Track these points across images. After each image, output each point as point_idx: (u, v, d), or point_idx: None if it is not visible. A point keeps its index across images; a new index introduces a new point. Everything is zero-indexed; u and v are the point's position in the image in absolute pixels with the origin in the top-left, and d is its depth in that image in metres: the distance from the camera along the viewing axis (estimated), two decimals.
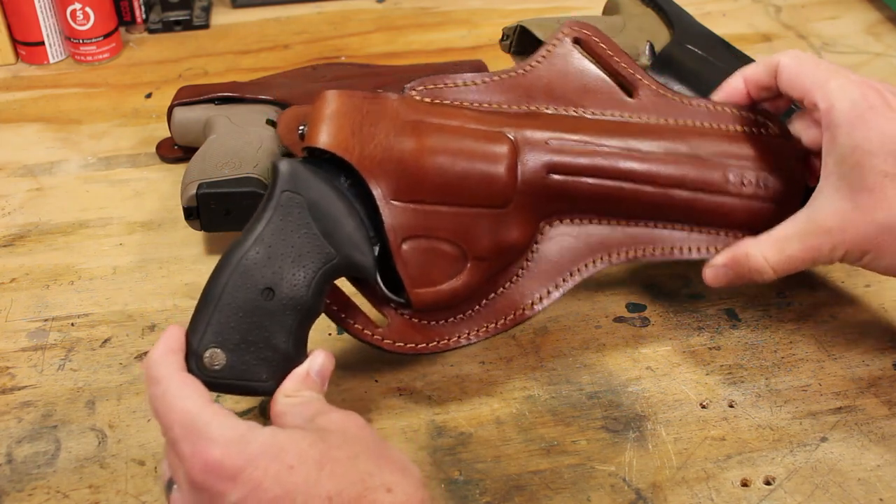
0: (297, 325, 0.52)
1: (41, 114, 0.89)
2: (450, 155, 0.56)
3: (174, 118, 0.79)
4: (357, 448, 0.46)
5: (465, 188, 0.56)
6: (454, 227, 0.56)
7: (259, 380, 0.52)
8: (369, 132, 0.55)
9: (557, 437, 0.59)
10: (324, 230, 0.53)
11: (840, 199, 0.55)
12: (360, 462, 0.46)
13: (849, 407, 0.60)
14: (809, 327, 0.66)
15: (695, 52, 0.77)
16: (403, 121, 0.56)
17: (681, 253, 0.61)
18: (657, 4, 0.80)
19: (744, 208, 0.61)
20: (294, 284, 0.52)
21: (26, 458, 0.58)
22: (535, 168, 0.58)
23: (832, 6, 1.04)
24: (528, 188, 0.57)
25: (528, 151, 0.58)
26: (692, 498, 0.55)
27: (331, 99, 0.56)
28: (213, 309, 0.52)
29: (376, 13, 1.04)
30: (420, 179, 0.55)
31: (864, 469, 0.57)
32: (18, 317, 0.67)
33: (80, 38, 0.93)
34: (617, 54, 0.63)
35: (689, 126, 0.61)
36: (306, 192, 0.54)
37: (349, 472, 0.45)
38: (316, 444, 0.46)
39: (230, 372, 0.51)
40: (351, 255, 0.54)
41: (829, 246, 0.56)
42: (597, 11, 0.86)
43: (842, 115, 0.55)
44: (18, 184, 0.80)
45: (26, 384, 0.62)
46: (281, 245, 0.53)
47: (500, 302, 0.59)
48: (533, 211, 0.59)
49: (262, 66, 0.94)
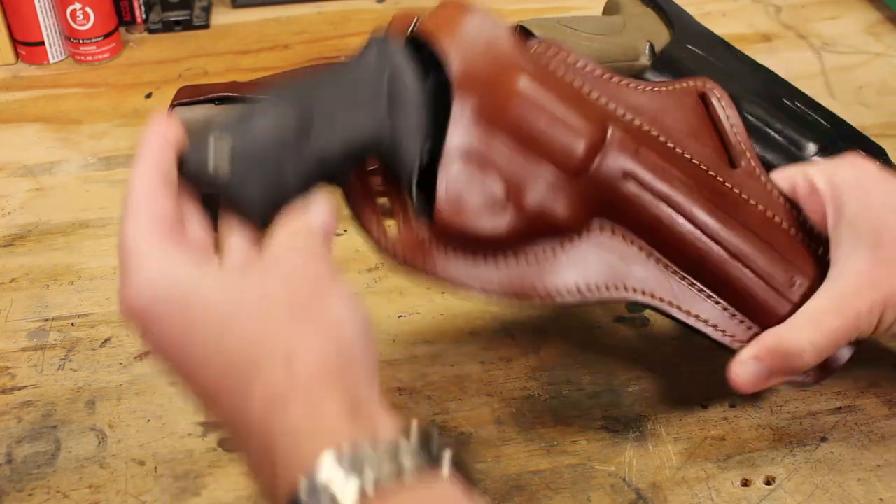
0: (315, 177, 0.48)
1: (41, 114, 0.89)
2: (544, 97, 0.53)
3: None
4: (276, 294, 0.42)
5: (540, 140, 0.53)
6: (511, 169, 0.52)
7: (252, 202, 0.46)
8: (475, 47, 0.53)
9: (557, 437, 0.59)
10: (388, 104, 0.50)
11: (861, 261, 0.53)
12: (270, 319, 0.41)
13: (849, 407, 0.60)
14: None
15: (695, 52, 0.77)
16: (513, 58, 0.54)
17: (696, 321, 0.56)
18: (657, 4, 0.80)
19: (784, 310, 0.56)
20: (332, 132, 0.48)
21: (26, 458, 0.58)
22: (613, 166, 0.54)
23: (832, 6, 1.04)
24: (598, 181, 0.54)
25: (615, 149, 0.54)
26: (692, 498, 0.55)
27: (453, 5, 0.54)
28: (242, 114, 0.47)
29: (376, 13, 1.04)
30: (502, 113, 0.53)
31: (864, 469, 0.57)
32: (18, 317, 0.67)
33: (80, 38, 0.93)
34: (736, 124, 0.59)
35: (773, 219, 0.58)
36: (393, 61, 0.51)
37: (248, 333, 0.41)
38: (228, 299, 0.42)
39: (228, 183, 0.46)
40: (400, 142, 0.50)
41: (866, 307, 0.52)
42: (597, 11, 0.86)
43: (845, 182, 0.55)
44: (18, 184, 0.80)
45: (26, 384, 0.62)
46: (345, 87, 0.49)
47: (519, 270, 0.54)
48: (592, 202, 0.55)
49: (262, 66, 0.94)
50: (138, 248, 0.44)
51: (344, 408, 0.40)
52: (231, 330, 0.41)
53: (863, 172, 0.56)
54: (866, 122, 0.84)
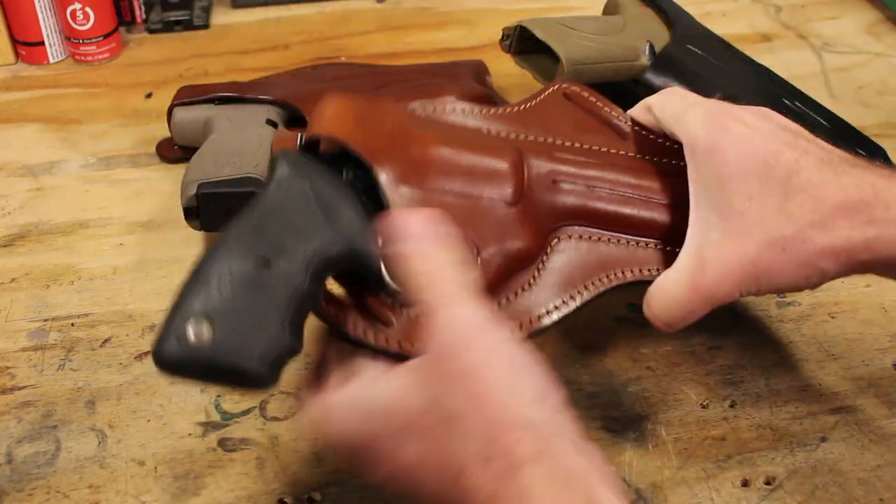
0: (293, 306, 0.47)
1: (41, 114, 0.89)
2: (456, 146, 0.55)
3: (174, 118, 0.79)
4: (466, 404, 0.42)
5: (472, 178, 0.55)
6: (462, 217, 0.54)
7: (248, 357, 0.45)
8: (372, 125, 0.54)
9: None
10: (326, 214, 0.50)
11: (713, 230, 0.52)
12: (456, 432, 0.42)
13: (849, 407, 0.60)
14: (809, 327, 0.66)
15: (695, 52, 0.77)
16: (407, 118, 0.56)
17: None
18: (657, 4, 0.80)
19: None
20: (292, 259, 0.47)
21: (26, 458, 0.58)
22: (540, 174, 0.57)
23: (832, 6, 1.04)
24: (535, 194, 0.57)
25: (533, 159, 0.57)
26: (692, 498, 0.55)
27: (331, 97, 0.56)
28: (202, 276, 0.46)
29: (376, 13, 1.04)
30: (427, 166, 0.54)
31: (864, 469, 0.57)
32: (18, 317, 0.67)
33: (80, 38, 0.93)
34: (606, 104, 0.63)
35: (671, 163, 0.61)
36: (308, 176, 0.51)
37: (447, 445, 0.42)
38: (417, 407, 0.44)
39: (217, 346, 0.45)
40: (353, 241, 0.50)
41: (715, 282, 0.51)
42: (597, 11, 0.86)
43: (698, 145, 0.53)
44: (18, 184, 0.80)
45: (26, 384, 0.62)
46: (280, 217, 0.49)
47: (511, 310, 0.56)
48: (541, 219, 0.57)
49: (262, 66, 0.94)
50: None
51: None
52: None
53: (720, 126, 0.53)
54: (866, 122, 0.84)
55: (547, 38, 0.75)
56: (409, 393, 0.44)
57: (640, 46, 0.77)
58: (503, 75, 0.89)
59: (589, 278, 0.57)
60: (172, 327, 0.45)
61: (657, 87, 0.75)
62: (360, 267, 0.51)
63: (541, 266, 0.57)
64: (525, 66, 0.79)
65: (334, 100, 0.55)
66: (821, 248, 0.49)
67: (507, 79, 0.90)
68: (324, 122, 0.54)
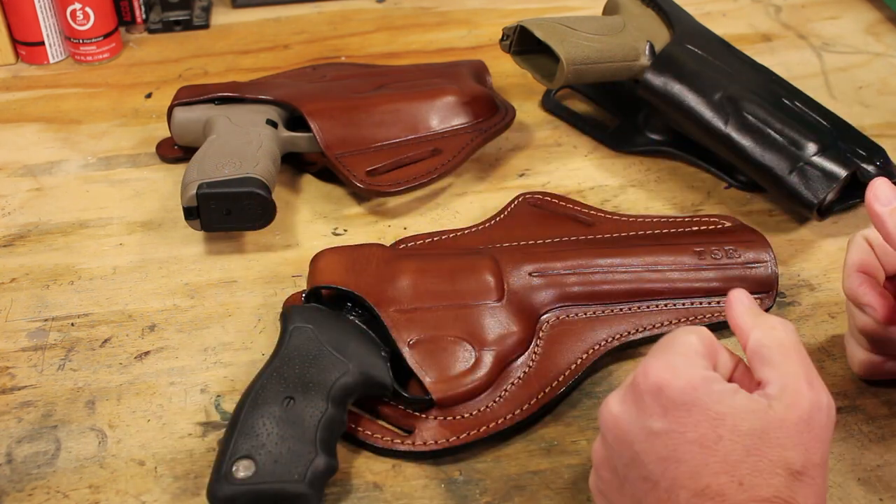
0: (321, 431, 0.54)
1: (41, 114, 0.89)
2: (437, 267, 0.64)
3: (174, 118, 0.79)
4: (764, 440, 0.44)
5: (457, 288, 0.63)
6: (458, 325, 0.61)
7: (291, 480, 0.52)
8: (361, 268, 0.63)
9: (557, 437, 0.59)
10: (336, 348, 0.58)
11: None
12: (752, 452, 0.44)
13: (849, 407, 0.60)
14: (809, 327, 0.66)
15: (695, 52, 0.77)
16: (390, 256, 0.65)
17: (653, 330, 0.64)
18: (657, 4, 0.80)
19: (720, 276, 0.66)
20: (313, 393, 0.56)
21: (26, 458, 0.58)
22: (521, 274, 0.64)
23: (832, 6, 1.04)
24: (519, 290, 0.63)
25: (507, 262, 0.65)
26: None
27: (319, 255, 0.65)
28: (238, 424, 0.54)
29: (376, 13, 1.04)
30: (416, 291, 0.62)
31: (864, 469, 0.57)
32: (18, 317, 0.67)
33: (80, 38, 0.93)
34: (569, 202, 0.73)
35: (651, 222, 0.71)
36: (315, 322, 0.59)
37: (741, 461, 0.44)
38: (750, 430, 0.44)
39: (261, 477, 0.52)
40: (364, 366, 0.58)
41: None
42: (597, 11, 0.86)
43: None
44: (18, 184, 0.80)
45: (26, 384, 0.62)
46: (297, 362, 0.57)
47: (524, 385, 0.61)
48: (526, 308, 0.63)
49: (262, 66, 0.94)
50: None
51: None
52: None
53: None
54: (866, 122, 0.84)
55: (547, 38, 0.75)
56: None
57: (640, 46, 0.77)
58: (503, 75, 0.89)
59: (581, 355, 0.62)
60: (222, 471, 0.52)
61: (657, 87, 0.75)
62: (374, 386, 0.58)
63: (539, 343, 0.63)
64: (525, 66, 0.79)
65: (324, 255, 0.65)
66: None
67: (507, 79, 0.90)
68: (319, 274, 0.63)
